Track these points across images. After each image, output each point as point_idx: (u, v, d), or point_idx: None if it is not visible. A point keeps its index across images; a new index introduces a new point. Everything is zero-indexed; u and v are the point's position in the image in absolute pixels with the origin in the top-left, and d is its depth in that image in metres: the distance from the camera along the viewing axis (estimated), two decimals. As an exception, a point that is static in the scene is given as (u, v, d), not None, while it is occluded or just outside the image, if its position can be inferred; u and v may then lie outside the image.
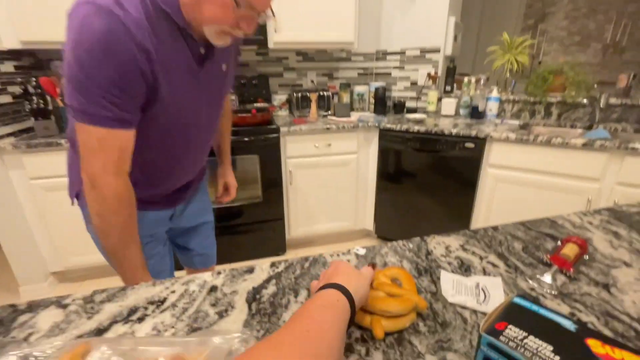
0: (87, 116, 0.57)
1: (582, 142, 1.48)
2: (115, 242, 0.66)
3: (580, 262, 0.56)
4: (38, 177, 1.66)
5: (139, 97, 0.60)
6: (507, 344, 0.25)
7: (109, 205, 0.63)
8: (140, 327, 0.44)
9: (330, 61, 2.52)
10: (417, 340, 0.41)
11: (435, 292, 0.50)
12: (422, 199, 2.01)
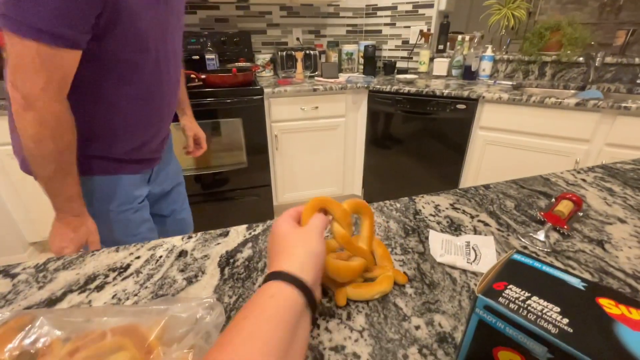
0: (31, 29, 0.48)
1: (575, 101, 1.44)
2: (51, 170, 0.60)
3: (574, 219, 0.54)
4: (5, 144, 1.54)
5: (93, 13, 0.52)
6: (508, 307, 0.21)
7: (49, 130, 0.56)
8: (99, 296, 0.40)
9: (317, 17, 2.35)
10: (403, 303, 0.38)
11: (423, 252, 0.47)
12: (412, 163, 1.98)
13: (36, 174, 0.62)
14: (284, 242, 0.33)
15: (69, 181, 0.63)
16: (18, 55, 0.50)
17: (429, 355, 0.32)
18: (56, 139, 0.57)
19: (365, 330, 0.35)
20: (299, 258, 0.31)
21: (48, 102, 0.54)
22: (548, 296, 0.22)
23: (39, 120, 0.55)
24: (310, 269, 0.31)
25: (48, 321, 0.30)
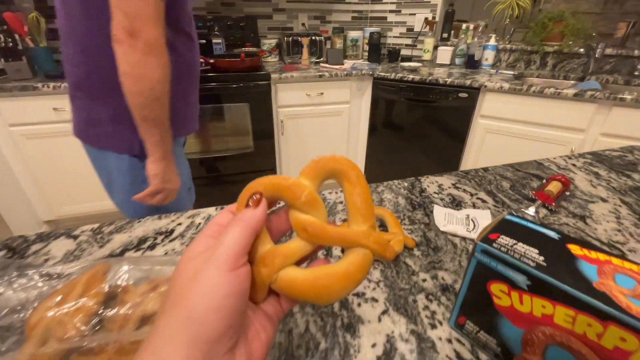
0: None
1: (573, 92, 1.49)
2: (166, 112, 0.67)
3: (561, 198, 0.60)
4: (17, 124, 1.59)
5: None
6: (499, 249, 0.28)
7: (168, 72, 0.63)
8: (152, 253, 0.46)
9: (322, 2, 2.35)
10: (412, 262, 0.45)
11: (428, 223, 0.53)
12: (413, 150, 2.04)
13: (156, 117, 0.66)
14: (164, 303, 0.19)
15: (168, 127, 0.70)
16: (139, 5, 0.56)
17: (434, 300, 0.39)
18: (171, 82, 0.65)
19: (380, 281, 0.42)
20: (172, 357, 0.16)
21: (164, 47, 0.61)
22: (530, 243, 0.29)
23: (162, 64, 0.61)
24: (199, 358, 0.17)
25: (125, 265, 0.37)
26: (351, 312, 0.37)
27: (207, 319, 0.17)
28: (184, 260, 0.20)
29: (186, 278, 0.19)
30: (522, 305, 0.27)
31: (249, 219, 0.21)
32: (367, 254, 0.23)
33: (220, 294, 0.18)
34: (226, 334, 0.18)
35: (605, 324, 0.23)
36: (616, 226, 0.53)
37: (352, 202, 0.24)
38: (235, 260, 0.19)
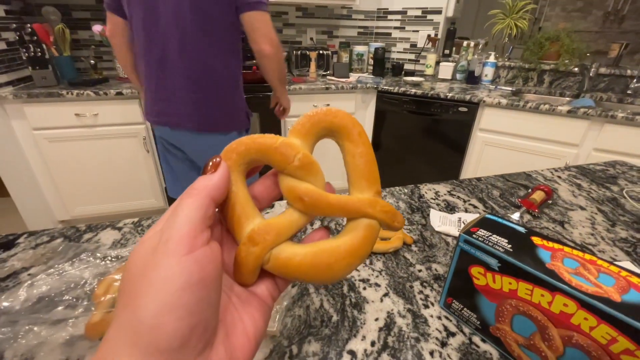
0: (265, 5, 0.98)
1: (567, 109, 1.57)
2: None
3: (544, 206, 0.68)
4: (41, 128, 1.68)
5: None
6: (478, 239, 0.36)
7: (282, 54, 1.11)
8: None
9: (330, 18, 2.47)
10: (410, 256, 0.53)
11: (425, 224, 0.61)
12: (415, 160, 2.12)
13: (285, 79, 1.23)
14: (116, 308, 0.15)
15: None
16: (267, 22, 0.99)
17: (428, 287, 0.46)
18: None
19: (382, 270, 0.49)
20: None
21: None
22: (502, 235, 0.36)
23: (282, 54, 1.08)
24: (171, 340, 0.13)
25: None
26: (358, 294, 0.45)
27: (160, 322, 0.13)
28: (135, 249, 0.15)
29: (137, 271, 0.14)
30: (495, 284, 0.35)
31: (203, 188, 0.17)
32: (373, 224, 0.20)
33: (175, 287, 0.14)
34: (191, 336, 0.14)
35: (553, 294, 0.30)
36: (590, 231, 0.60)
37: (355, 164, 0.21)
38: (190, 240, 0.15)
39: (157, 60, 1.02)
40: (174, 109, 1.07)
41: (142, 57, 1.05)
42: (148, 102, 1.13)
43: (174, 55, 1.00)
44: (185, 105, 1.06)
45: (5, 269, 0.47)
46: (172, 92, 1.05)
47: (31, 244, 0.53)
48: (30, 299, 0.41)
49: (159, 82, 1.06)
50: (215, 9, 0.96)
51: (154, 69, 1.04)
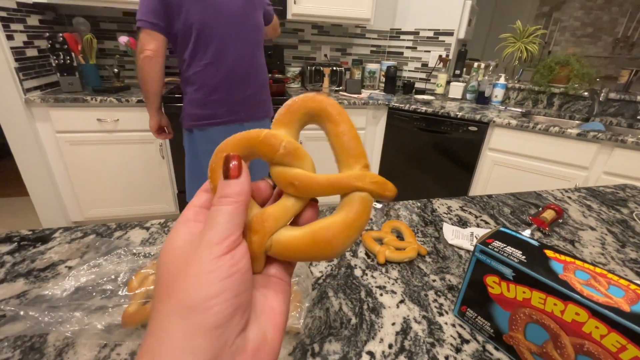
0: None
1: (577, 132, 1.60)
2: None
3: (555, 224, 0.70)
4: (64, 132, 1.75)
5: None
6: (493, 250, 0.38)
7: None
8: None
9: (344, 36, 2.56)
10: (424, 266, 0.55)
11: (438, 237, 0.63)
12: (424, 177, 2.14)
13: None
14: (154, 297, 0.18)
15: None
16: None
17: (442, 296, 0.48)
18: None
19: (398, 279, 0.51)
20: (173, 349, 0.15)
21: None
22: (516, 247, 0.38)
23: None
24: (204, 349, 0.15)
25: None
26: (375, 299, 0.47)
27: (207, 305, 0.15)
28: (167, 250, 0.18)
29: (175, 268, 0.17)
30: (509, 293, 0.37)
31: (237, 196, 0.18)
32: (366, 197, 0.21)
33: (219, 278, 0.16)
34: (234, 317, 0.16)
35: (565, 303, 0.32)
36: (600, 250, 0.61)
37: (339, 143, 0.22)
38: (229, 242, 0.17)
39: (231, 63, 1.22)
40: (246, 105, 1.30)
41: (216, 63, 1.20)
42: (215, 104, 1.25)
43: (246, 58, 1.26)
44: (254, 99, 1.32)
45: (44, 261, 0.51)
46: (243, 91, 1.28)
47: (66, 238, 0.56)
48: (69, 289, 0.44)
49: (232, 83, 1.24)
50: (260, 16, 1.30)
51: (226, 72, 1.22)
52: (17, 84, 1.63)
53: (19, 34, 1.67)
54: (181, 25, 1.14)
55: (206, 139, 1.28)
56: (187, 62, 1.20)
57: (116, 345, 0.38)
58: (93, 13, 2.06)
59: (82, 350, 0.37)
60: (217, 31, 1.17)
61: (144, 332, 0.39)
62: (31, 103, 1.67)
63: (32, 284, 0.46)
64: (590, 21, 3.99)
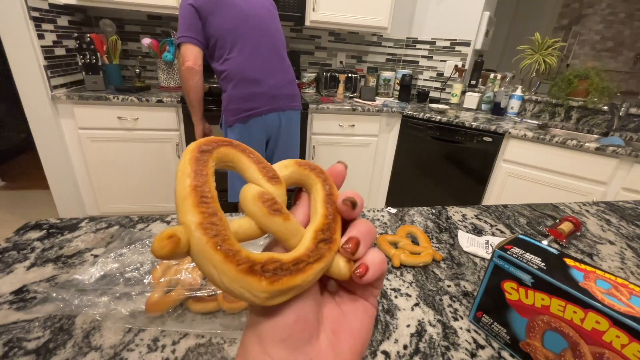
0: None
1: (595, 146, 1.57)
2: None
3: (572, 237, 0.69)
4: (86, 128, 1.81)
5: None
6: (512, 256, 0.38)
7: None
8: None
9: (360, 44, 2.58)
10: (439, 271, 0.55)
11: (453, 244, 0.63)
12: (435, 186, 2.13)
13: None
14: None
15: None
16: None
17: (456, 301, 0.48)
18: None
19: (413, 282, 0.52)
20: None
21: None
22: (535, 253, 0.38)
23: None
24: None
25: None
26: (390, 301, 0.47)
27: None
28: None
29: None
30: (527, 299, 0.37)
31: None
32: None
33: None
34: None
35: (586, 311, 0.32)
36: (620, 265, 0.60)
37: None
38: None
39: (263, 59, 1.36)
40: (283, 95, 1.42)
41: (251, 58, 1.33)
42: (254, 97, 1.35)
43: (275, 55, 1.40)
44: (287, 90, 1.43)
45: (71, 248, 0.53)
46: (279, 82, 1.40)
47: (92, 228, 0.58)
48: (96, 275, 0.46)
49: (266, 75, 1.37)
50: (279, 23, 1.48)
51: (260, 66, 1.35)
52: (44, 81, 1.70)
53: (49, 33, 1.74)
54: (213, 33, 1.29)
55: (248, 131, 1.39)
56: (222, 62, 1.34)
57: (140, 331, 0.39)
58: (119, 15, 2.13)
59: (108, 333, 0.38)
60: (245, 32, 1.32)
61: (168, 318, 0.40)
62: (57, 100, 1.73)
63: (61, 270, 0.48)
64: (611, 35, 3.93)
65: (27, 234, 0.56)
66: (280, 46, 1.43)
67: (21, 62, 1.64)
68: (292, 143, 1.56)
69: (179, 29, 1.29)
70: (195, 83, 1.33)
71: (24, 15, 1.58)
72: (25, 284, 0.45)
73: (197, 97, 1.40)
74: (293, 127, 1.52)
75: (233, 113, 1.36)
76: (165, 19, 2.22)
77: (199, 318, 0.41)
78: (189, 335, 0.39)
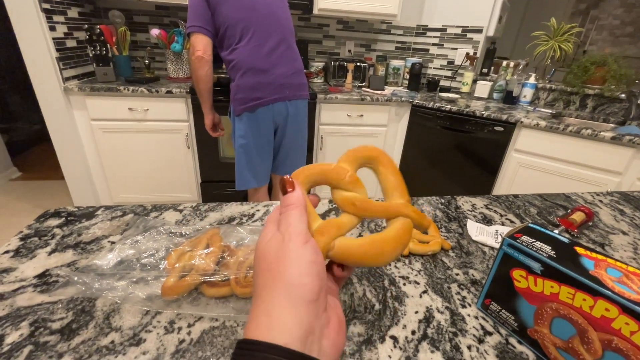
0: None
1: (611, 135, 1.53)
2: None
3: (584, 227, 0.68)
4: (98, 119, 1.85)
5: None
6: (522, 244, 0.38)
7: None
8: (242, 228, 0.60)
9: (369, 32, 2.54)
10: (447, 260, 0.55)
11: (462, 233, 0.63)
12: (444, 177, 2.11)
13: None
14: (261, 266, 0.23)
15: None
16: None
17: (465, 289, 0.49)
18: None
19: (421, 270, 0.52)
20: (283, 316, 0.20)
21: None
22: (545, 242, 0.38)
23: None
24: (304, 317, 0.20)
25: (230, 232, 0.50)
26: (398, 288, 0.48)
27: (302, 282, 0.21)
28: (263, 243, 0.24)
29: (272, 256, 0.22)
30: (536, 287, 0.37)
31: (297, 201, 0.25)
32: (408, 221, 0.28)
33: (306, 261, 0.22)
34: (320, 293, 0.21)
35: (595, 298, 0.32)
36: (633, 255, 0.60)
37: (389, 181, 0.30)
38: (304, 235, 0.23)
39: (270, 48, 1.34)
40: (291, 85, 1.41)
41: (259, 48, 1.32)
42: (261, 86, 1.35)
43: (283, 44, 1.38)
44: (295, 80, 1.43)
45: (89, 235, 0.55)
46: (286, 71, 1.39)
47: (108, 216, 0.60)
48: (114, 260, 0.48)
49: (274, 64, 1.35)
50: (289, 11, 1.45)
51: (268, 55, 1.34)
52: (57, 73, 1.73)
53: (60, 25, 1.76)
54: (222, 22, 1.29)
55: (255, 120, 1.39)
56: (230, 52, 1.33)
57: (157, 314, 0.41)
58: (128, 6, 2.14)
59: (127, 315, 0.40)
60: (254, 21, 1.31)
61: (183, 302, 0.42)
62: (69, 91, 1.76)
63: (80, 255, 0.50)
64: (631, 19, 3.77)
65: (47, 221, 0.58)
66: (288, 35, 1.42)
67: (34, 54, 1.67)
68: (300, 133, 1.56)
69: (189, 18, 1.29)
70: (205, 73, 1.34)
71: (36, 6, 1.60)
72: (48, 268, 0.47)
73: (207, 87, 1.40)
74: (301, 117, 1.51)
75: (241, 102, 1.36)
76: (173, 9, 2.22)
77: (213, 302, 0.43)
78: (203, 318, 0.41)
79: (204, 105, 1.49)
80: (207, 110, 1.50)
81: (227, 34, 1.32)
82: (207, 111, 1.51)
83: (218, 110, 1.60)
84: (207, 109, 1.50)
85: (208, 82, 1.39)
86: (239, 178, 1.53)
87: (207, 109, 1.50)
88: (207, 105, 1.48)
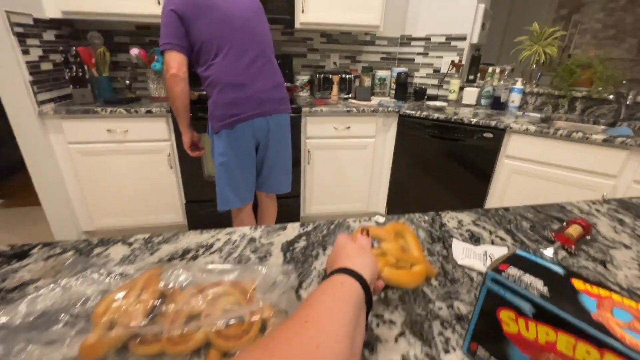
0: None
1: (602, 137, 1.48)
2: None
3: (582, 242, 0.61)
4: (75, 142, 1.78)
5: None
6: (507, 278, 0.31)
7: None
8: (195, 264, 0.52)
9: (354, 44, 2.52)
10: (429, 290, 0.48)
11: (446, 256, 0.56)
12: (436, 186, 2.05)
13: None
14: (344, 250, 0.39)
15: None
16: None
17: (449, 328, 0.42)
18: None
19: (398, 305, 0.45)
20: (361, 263, 0.36)
21: None
22: (536, 275, 0.32)
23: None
24: (369, 273, 0.35)
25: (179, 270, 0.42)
26: (370, 332, 0.41)
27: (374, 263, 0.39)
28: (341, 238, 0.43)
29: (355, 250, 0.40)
30: (528, 332, 0.30)
31: (367, 244, 0.44)
32: (424, 267, 0.44)
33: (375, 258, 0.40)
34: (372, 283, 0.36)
35: (602, 351, 0.26)
36: (637, 273, 0.53)
37: (414, 244, 0.48)
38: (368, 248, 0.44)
39: (252, 61, 1.32)
40: (270, 99, 1.37)
41: (236, 63, 1.29)
42: (240, 101, 1.31)
43: (261, 58, 1.35)
44: (276, 94, 1.39)
45: (14, 280, 0.47)
46: (265, 86, 1.35)
47: (44, 255, 0.53)
48: (33, 313, 0.40)
49: (253, 79, 1.32)
50: (267, 25, 1.44)
51: (245, 69, 1.31)
52: (31, 97, 1.67)
53: (34, 48, 1.71)
54: (197, 38, 1.25)
55: (235, 136, 1.34)
56: (206, 68, 1.30)
57: (69, 383, 0.33)
58: (108, 27, 2.11)
59: (31, 388, 0.33)
60: (229, 36, 1.28)
61: (97, 370, 0.34)
62: (44, 115, 1.70)
63: (-3, 307, 0.43)
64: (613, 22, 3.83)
65: (-29, 265, 0.50)
66: (266, 49, 1.39)
67: (6, 79, 1.61)
68: (283, 147, 1.50)
69: (162, 36, 1.25)
70: (180, 90, 1.29)
71: (7, 30, 1.56)
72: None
73: (183, 105, 1.35)
74: (283, 131, 1.46)
75: (219, 119, 1.31)
76: (154, 28, 2.19)
77: (143, 363, 0.35)
78: (127, 385, 0.33)
79: (181, 124, 1.43)
80: (185, 128, 1.45)
81: (203, 50, 1.28)
82: (185, 130, 1.45)
83: (198, 129, 1.54)
84: (185, 127, 1.44)
85: (184, 99, 1.34)
86: (220, 198, 1.46)
87: (185, 127, 1.44)
88: (184, 124, 1.43)
